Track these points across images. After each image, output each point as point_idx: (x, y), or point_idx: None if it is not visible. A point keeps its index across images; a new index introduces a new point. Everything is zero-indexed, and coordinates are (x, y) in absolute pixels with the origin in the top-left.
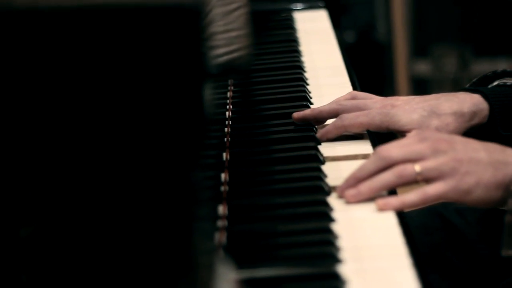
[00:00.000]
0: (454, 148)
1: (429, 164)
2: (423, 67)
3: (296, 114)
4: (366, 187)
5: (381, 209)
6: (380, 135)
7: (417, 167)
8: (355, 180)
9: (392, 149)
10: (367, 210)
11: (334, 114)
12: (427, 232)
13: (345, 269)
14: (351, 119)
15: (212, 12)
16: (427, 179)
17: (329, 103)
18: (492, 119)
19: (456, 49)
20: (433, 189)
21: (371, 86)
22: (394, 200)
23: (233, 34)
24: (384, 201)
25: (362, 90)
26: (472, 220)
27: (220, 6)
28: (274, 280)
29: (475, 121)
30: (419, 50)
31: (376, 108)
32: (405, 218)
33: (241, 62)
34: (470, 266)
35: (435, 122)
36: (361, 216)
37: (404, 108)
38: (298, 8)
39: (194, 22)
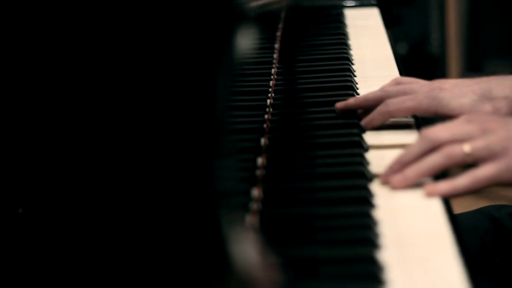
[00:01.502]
0: (504, 127)
1: (479, 144)
2: None
3: (339, 104)
4: (413, 171)
5: (430, 194)
6: (428, 124)
7: (466, 147)
8: (400, 165)
9: (438, 130)
10: (411, 198)
11: (379, 101)
12: (477, 235)
13: (385, 256)
14: (396, 104)
15: None
16: (477, 160)
17: (373, 91)
18: None
19: (511, 65)
20: (485, 171)
21: None
22: (443, 185)
23: None
24: (433, 186)
25: None
26: None
27: None
28: (308, 261)
29: None
30: (472, 64)
31: (423, 91)
32: (451, 207)
33: (278, 8)
34: None
35: (486, 107)
36: (405, 203)
37: (453, 91)
38: (349, 5)
39: None
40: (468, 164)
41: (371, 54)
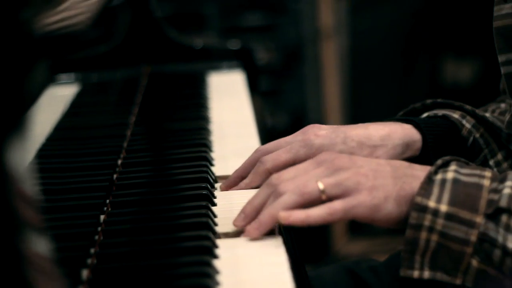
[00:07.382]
0: (356, 164)
1: (332, 181)
2: None
3: (223, 185)
4: (266, 214)
5: (285, 220)
6: None
7: (320, 184)
8: (253, 210)
9: (285, 174)
10: (254, 247)
11: (256, 163)
12: None
13: None
14: (273, 160)
15: None
16: (331, 198)
17: (248, 157)
18: (425, 151)
19: None
20: (340, 203)
21: None
22: (298, 213)
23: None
24: (288, 213)
25: None
26: (386, 278)
27: None
28: None
29: (408, 153)
30: None
31: (298, 141)
32: (295, 253)
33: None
34: None
35: (365, 153)
36: (248, 253)
37: (331, 137)
38: (216, 69)
39: None
40: (322, 201)
41: (231, 116)
